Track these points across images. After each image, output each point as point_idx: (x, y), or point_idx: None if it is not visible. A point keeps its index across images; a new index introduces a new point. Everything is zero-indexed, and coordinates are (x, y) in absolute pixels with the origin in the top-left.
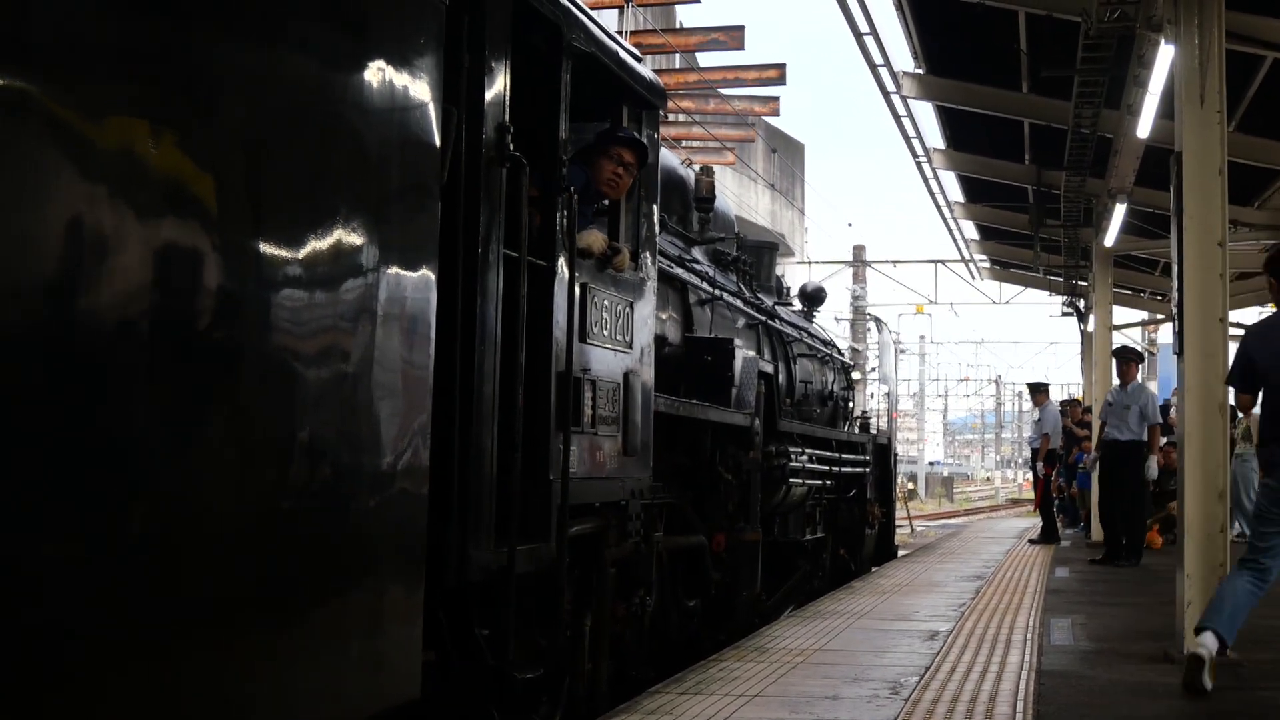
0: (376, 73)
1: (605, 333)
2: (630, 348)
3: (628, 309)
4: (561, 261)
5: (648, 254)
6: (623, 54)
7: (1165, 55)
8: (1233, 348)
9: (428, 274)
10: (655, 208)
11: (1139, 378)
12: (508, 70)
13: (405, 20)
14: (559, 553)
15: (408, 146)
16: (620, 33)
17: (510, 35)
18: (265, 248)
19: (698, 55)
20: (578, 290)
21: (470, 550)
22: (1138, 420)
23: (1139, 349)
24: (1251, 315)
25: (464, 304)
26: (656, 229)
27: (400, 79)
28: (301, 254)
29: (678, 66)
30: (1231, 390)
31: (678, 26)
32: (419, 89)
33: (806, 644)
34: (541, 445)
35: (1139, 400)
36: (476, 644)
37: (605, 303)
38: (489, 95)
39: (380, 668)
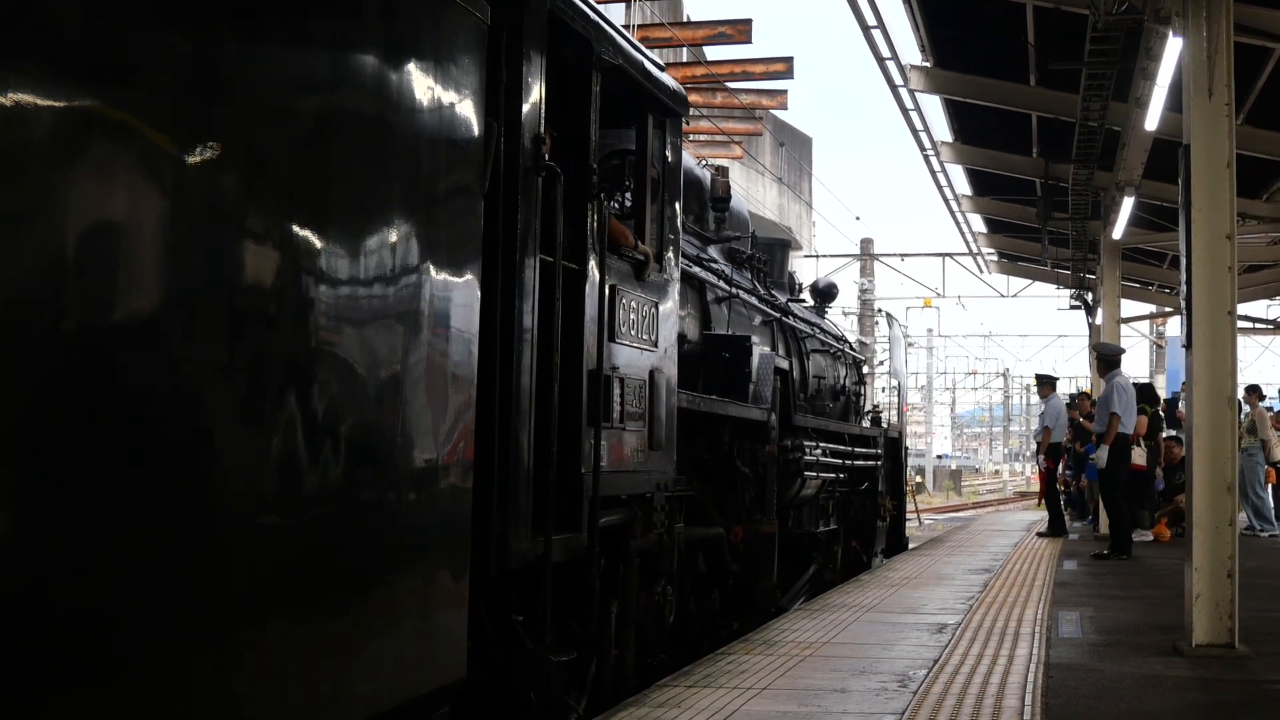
0: (427, 91)
1: (632, 332)
2: (655, 346)
3: (653, 309)
4: (592, 264)
5: (671, 255)
6: (648, 64)
7: (1173, 48)
8: (1241, 340)
9: (472, 278)
10: (679, 210)
11: (1123, 369)
12: (543, 84)
13: (454, 40)
14: (590, 542)
15: (455, 158)
16: (627, 27)
17: (545, 50)
18: (332, 256)
19: (705, 49)
20: (607, 292)
21: (510, 540)
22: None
23: (1117, 344)
24: (1259, 309)
25: (503, 306)
26: (680, 232)
27: (448, 96)
28: (366, 261)
29: (685, 60)
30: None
31: (685, 20)
32: (465, 105)
33: (815, 637)
34: (573, 440)
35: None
36: (513, 630)
37: (632, 303)
38: (526, 108)
39: (432, 649)
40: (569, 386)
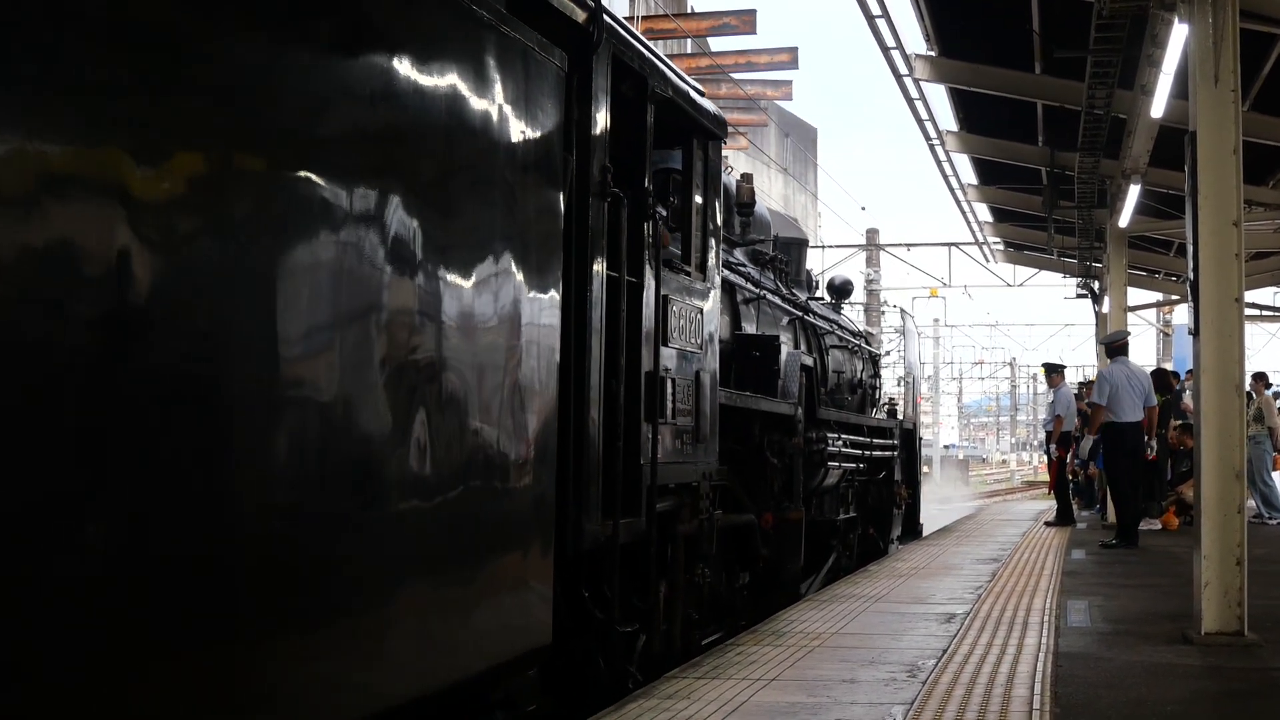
0: (521, 133)
1: (681, 337)
2: (700, 348)
3: (698, 314)
4: (648, 276)
5: (712, 264)
6: (693, 94)
7: (1179, 34)
8: (1247, 328)
9: (555, 294)
10: (719, 224)
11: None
12: (608, 119)
13: (541, 87)
14: (648, 526)
15: (544, 187)
16: (630, 19)
17: (609, 89)
18: (449, 278)
19: (709, 39)
20: (661, 301)
21: (584, 524)
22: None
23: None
24: (1266, 296)
25: (576, 316)
26: (720, 244)
27: (538, 135)
28: (478, 281)
29: (689, 51)
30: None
31: (689, 11)
32: (550, 141)
33: (823, 628)
34: (634, 434)
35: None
36: (582, 604)
37: (681, 311)
38: (594, 141)
39: (526, 617)
40: (629, 386)
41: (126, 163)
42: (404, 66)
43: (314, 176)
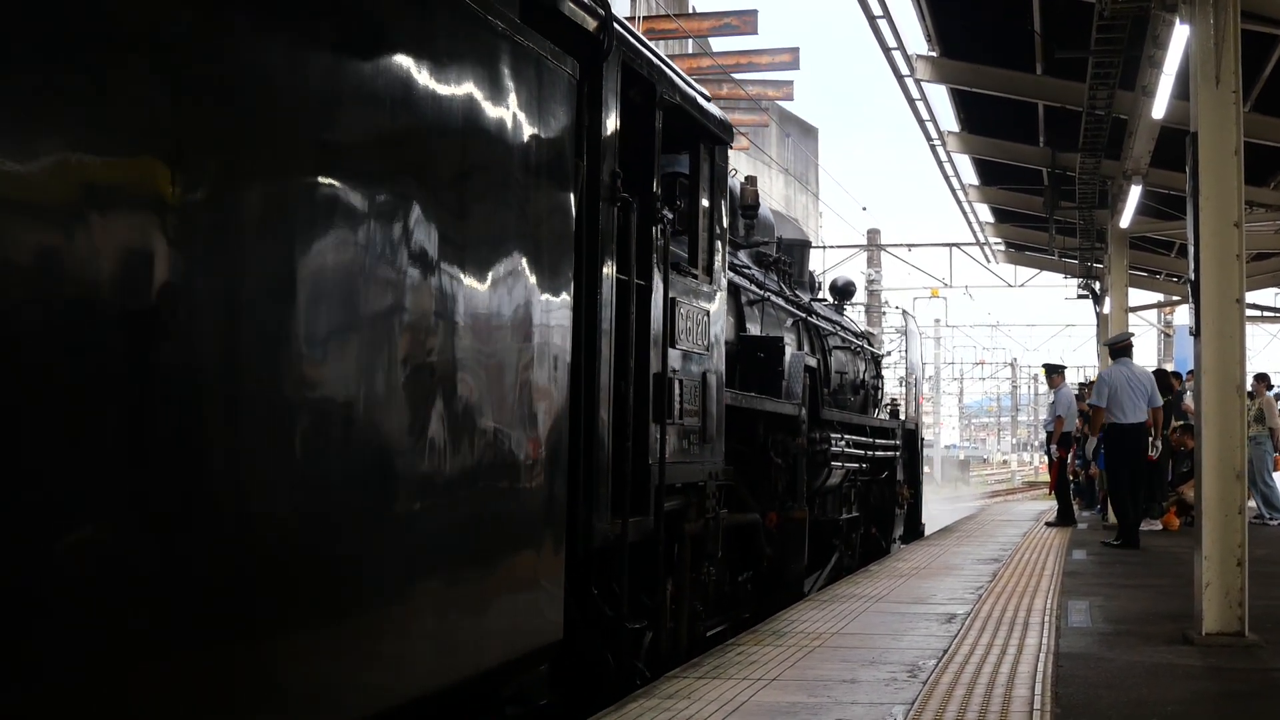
0: (534, 138)
1: (689, 339)
2: (707, 350)
3: (705, 316)
4: (656, 279)
5: (719, 267)
6: (700, 99)
7: (1180, 35)
8: (1249, 329)
9: (566, 296)
10: (726, 228)
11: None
12: (618, 125)
13: (554, 94)
14: (656, 525)
15: (555, 195)
16: (631, 19)
17: (619, 95)
18: (466, 280)
19: (710, 40)
20: (668, 304)
21: (594, 523)
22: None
23: (1128, 334)
24: (1267, 297)
25: (586, 318)
26: (726, 247)
27: (552, 141)
28: (493, 283)
29: (690, 51)
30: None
31: (690, 11)
32: (563, 147)
33: (824, 628)
34: (642, 434)
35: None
36: (591, 601)
37: (689, 313)
38: (604, 147)
39: (538, 613)
40: (637, 387)
41: (162, 169)
42: (423, 75)
43: (337, 181)
